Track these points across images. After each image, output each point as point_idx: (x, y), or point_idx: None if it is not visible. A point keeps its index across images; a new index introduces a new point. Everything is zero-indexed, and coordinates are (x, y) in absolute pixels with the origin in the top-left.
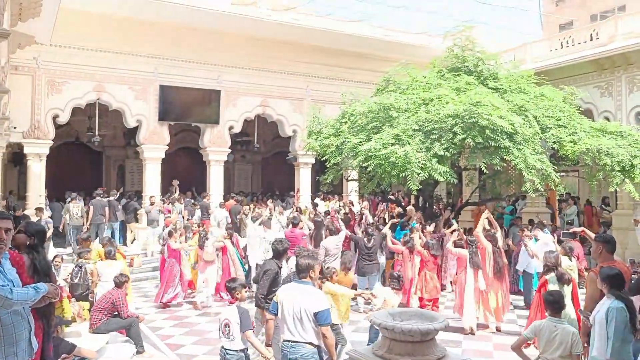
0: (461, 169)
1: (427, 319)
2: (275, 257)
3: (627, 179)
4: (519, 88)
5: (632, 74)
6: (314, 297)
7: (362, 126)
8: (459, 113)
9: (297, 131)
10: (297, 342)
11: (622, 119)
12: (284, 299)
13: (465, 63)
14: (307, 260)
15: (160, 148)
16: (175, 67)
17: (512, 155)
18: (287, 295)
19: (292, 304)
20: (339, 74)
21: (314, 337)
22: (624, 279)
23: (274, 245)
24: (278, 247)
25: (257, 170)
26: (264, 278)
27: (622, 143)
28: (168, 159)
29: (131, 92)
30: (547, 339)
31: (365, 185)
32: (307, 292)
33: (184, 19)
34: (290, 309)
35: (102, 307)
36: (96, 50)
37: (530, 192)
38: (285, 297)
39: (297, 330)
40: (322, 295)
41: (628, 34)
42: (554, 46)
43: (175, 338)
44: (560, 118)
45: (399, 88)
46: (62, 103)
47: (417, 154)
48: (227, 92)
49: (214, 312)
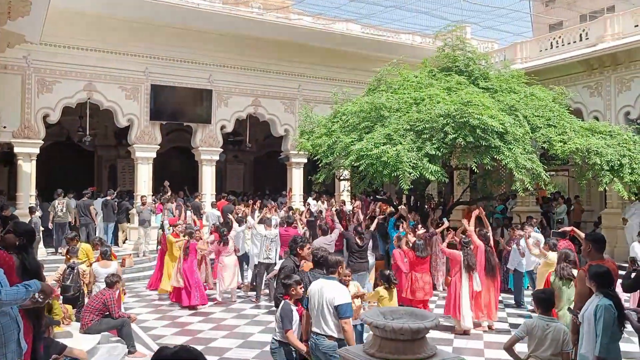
0: (452, 169)
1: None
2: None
3: (616, 178)
4: (510, 88)
5: (621, 74)
6: (337, 291)
7: (354, 126)
8: (450, 113)
9: (289, 131)
10: (320, 334)
11: (611, 119)
12: (312, 294)
13: (456, 63)
14: (337, 256)
15: (152, 148)
16: (166, 67)
17: (502, 155)
18: (314, 289)
19: (317, 298)
20: (330, 74)
21: (335, 330)
22: (612, 277)
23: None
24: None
25: (249, 170)
26: (279, 276)
27: (611, 143)
28: (160, 158)
29: (122, 92)
30: (539, 337)
31: (357, 184)
32: (331, 286)
33: (175, 19)
34: (315, 302)
35: (94, 307)
36: (87, 50)
37: (521, 192)
38: (313, 292)
39: (320, 323)
40: (345, 290)
41: (617, 34)
42: (544, 46)
43: (167, 338)
44: (550, 118)
45: (390, 88)
46: (53, 102)
47: (409, 154)
48: (218, 92)
49: (206, 312)
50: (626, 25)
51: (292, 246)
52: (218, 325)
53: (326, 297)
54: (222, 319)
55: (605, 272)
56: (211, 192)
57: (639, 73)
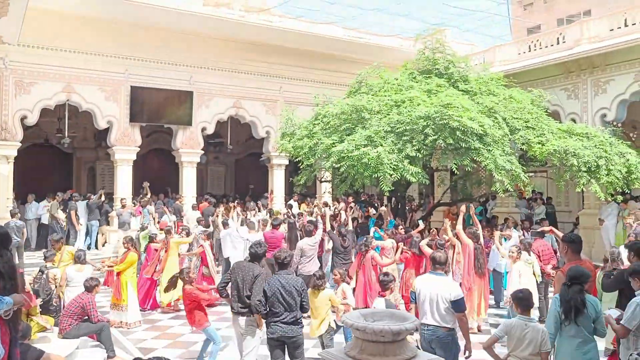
0: (433, 170)
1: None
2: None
3: (593, 179)
4: (489, 90)
5: (597, 77)
6: (451, 287)
7: (335, 127)
8: (430, 115)
9: (271, 132)
10: (434, 325)
11: (588, 121)
12: (422, 288)
13: (436, 65)
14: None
15: (132, 150)
16: (146, 68)
17: (482, 157)
18: (424, 284)
19: (429, 293)
20: (312, 76)
21: (449, 321)
22: (585, 279)
23: (253, 248)
24: (257, 250)
25: (230, 172)
26: (256, 284)
27: (588, 144)
28: (140, 160)
29: (101, 93)
30: (517, 337)
31: (339, 186)
32: (443, 282)
33: (155, 20)
34: (427, 296)
35: (72, 311)
36: (66, 51)
37: (500, 193)
38: (422, 286)
39: (435, 315)
40: (457, 285)
41: (593, 37)
42: (522, 49)
43: (147, 342)
44: (529, 120)
45: (371, 90)
46: (31, 104)
47: (390, 155)
48: (199, 93)
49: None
50: (602, 29)
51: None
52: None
53: (440, 292)
54: None
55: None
56: (192, 194)
57: (614, 76)
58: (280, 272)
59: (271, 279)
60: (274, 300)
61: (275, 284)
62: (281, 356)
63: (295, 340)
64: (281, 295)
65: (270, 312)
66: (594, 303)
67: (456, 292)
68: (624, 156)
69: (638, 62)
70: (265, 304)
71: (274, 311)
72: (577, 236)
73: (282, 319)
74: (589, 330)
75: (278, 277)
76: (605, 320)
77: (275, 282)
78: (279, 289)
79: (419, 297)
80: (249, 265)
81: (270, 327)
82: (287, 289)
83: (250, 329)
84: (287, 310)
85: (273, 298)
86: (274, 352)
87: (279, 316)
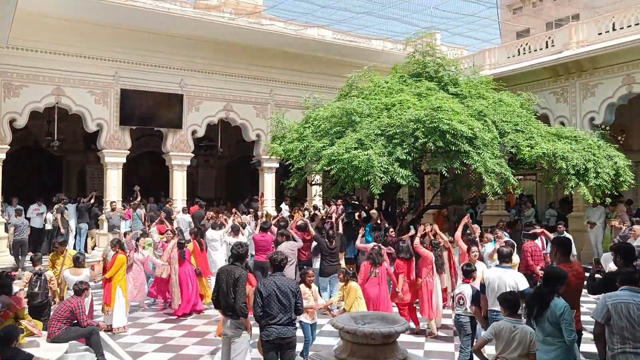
0: (423, 173)
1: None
2: (237, 260)
3: (582, 182)
4: (478, 94)
5: (585, 81)
6: (518, 278)
7: (326, 131)
8: (420, 118)
9: (261, 136)
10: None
11: (577, 124)
12: (491, 279)
13: (426, 69)
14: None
15: (122, 153)
16: (137, 71)
17: (472, 160)
18: (493, 276)
19: (498, 283)
20: (302, 79)
21: None
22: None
23: (234, 249)
24: (239, 251)
25: (221, 175)
26: (239, 286)
27: (577, 147)
28: (130, 164)
29: (91, 96)
30: (506, 339)
31: (329, 189)
32: (509, 273)
33: (146, 23)
34: (495, 287)
35: (61, 315)
36: (56, 53)
37: (490, 195)
38: (492, 277)
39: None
40: (522, 276)
41: (582, 41)
42: (512, 53)
43: (137, 346)
44: (518, 123)
45: (361, 93)
46: (20, 107)
47: (380, 158)
48: (189, 97)
49: (176, 318)
50: (590, 32)
51: (237, 253)
52: (189, 332)
53: (508, 281)
54: (193, 325)
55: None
56: (182, 198)
57: (603, 80)
58: (275, 273)
59: (266, 280)
60: (270, 301)
61: (271, 285)
62: (275, 358)
63: (290, 341)
64: (277, 297)
65: (265, 313)
66: (556, 308)
67: (523, 283)
68: (612, 159)
69: (626, 65)
70: (261, 305)
71: (269, 313)
72: (567, 238)
73: (277, 321)
74: (548, 332)
75: (273, 279)
76: None
77: (270, 283)
78: (274, 290)
79: (488, 287)
80: (231, 268)
81: (265, 329)
82: (283, 290)
83: (237, 332)
84: (282, 312)
85: (269, 299)
86: (268, 354)
87: (275, 318)
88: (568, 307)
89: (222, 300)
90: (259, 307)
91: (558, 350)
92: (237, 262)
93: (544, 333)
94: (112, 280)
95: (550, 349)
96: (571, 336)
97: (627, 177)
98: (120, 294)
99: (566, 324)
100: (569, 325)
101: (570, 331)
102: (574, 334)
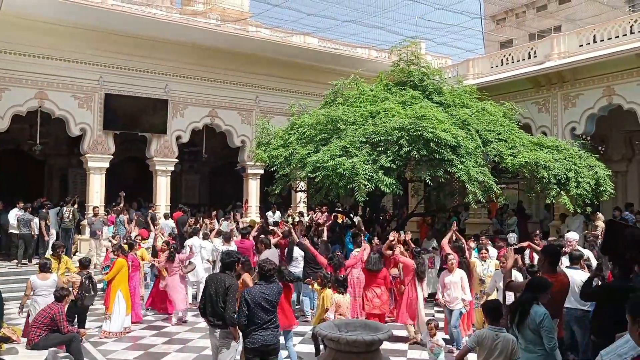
0: (407, 181)
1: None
2: (227, 269)
3: (563, 191)
4: (462, 103)
5: (567, 91)
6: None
7: (311, 138)
8: (404, 126)
9: (246, 142)
10: (573, 308)
11: (558, 134)
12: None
13: (411, 77)
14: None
15: (105, 158)
16: (121, 76)
17: (455, 168)
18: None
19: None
20: (287, 86)
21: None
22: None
23: (224, 258)
24: (225, 259)
25: (205, 181)
26: (229, 295)
27: (558, 157)
28: (113, 169)
29: (75, 100)
30: (489, 347)
31: (314, 196)
32: (579, 274)
33: (131, 28)
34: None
35: (41, 322)
36: (39, 57)
37: (473, 204)
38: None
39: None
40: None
41: (563, 53)
42: (495, 63)
43: (118, 353)
44: (501, 132)
45: (346, 101)
46: (2, 110)
47: (364, 166)
48: (174, 102)
49: (159, 325)
50: (571, 44)
51: (225, 260)
52: (171, 339)
53: (577, 281)
54: (175, 332)
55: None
56: (166, 203)
57: (583, 91)
58: (262, 282)
59: (252, 289)
60: (257, 310)
61: (257, 295)
62: None
63: (275, 348)
64: (261, 306)
65: (251, 322)
66: (536, 315)
67: None
68: (593, 169)
69: (606, 77)
70: (246, 314)
71: (254, 321)
72: (556, 248)
73: (262, 327)
74: (530, 339)
75: (260, 288)
76: None
77: (256, 292)
78: (261, 299)
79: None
80: (221, 277)
81: (250, 337)
82: (268, 298)
83: (226, 341)
84: (267, 320)
85: (255, 308)
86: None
87: (261, 326)
88: (548, 315)
89: (210, 309)
90: (244, 315)
91: (540, 357)
92: (228, 271)
93: (525, 340)
94: (111, 284)
95: (532, 357)
96: (551, 343)
97: (607, 186)
98: (120, 297)
99: (546, 332)
100: (549, 332)
101: (550, 338)
102: (553, 341)
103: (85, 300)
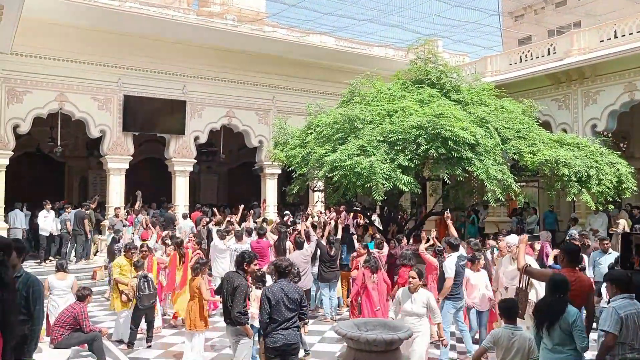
0: (425, 179)
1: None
2: (239, 268)
3: (584, 189)
4: (480, 100)
5: (587, 88)
6: None
7: (328, 137)
8: (422, 124)
9: (263, 142)
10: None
11: (579, 131)
12: None
13: (428, 76)
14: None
15: (124, 159)
16: (139, 78)
17: (474, 166)
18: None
19: None
20: (304, 86)
21: None
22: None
23: (237, 257)
24: (238, 259)
25: (223, 181)
26: (236, 295)
27: (579, 154)
28: (132, 169)
29: (94, 102)
30: (505, 346)
31: (331, 195)
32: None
33: (149, 30)
34: None
35: (64, 321)
36: (59, 60)
37: (492, 202)
38: None
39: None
40: None
41: (583, 49)
42: (514, 60)
43: (139, 352)
44: (520, 130)
45: (363, 100)
46: (23, 113)
47: (382, 165)
48: (192, 103)
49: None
50: (592, 40)
51: (239, 261)
52: None
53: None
54: None
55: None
56: (184, 204)
57: (604, 87)
58: (281, 280)
59: (273, 286)
60: (278, 308)
61: (278, 292)
62: None
63: (296, 347)
64: (284, 303)
65: (272, 320)
66: (569, 315)
67: None
68: (614, 166)
69: (627, 73)
70: (268, 312)
71: (276, 319)
72: (576, 246)
73: (283, 326)
74: (558, 340)
75: (280, 285)
76: None
77: (277, 290)
78: (282, 296)
79: None
80: (233, 275)
81: (271, 336)
82: (290, 296)
83: (239, 338)
84: (289, 317)
85: (277, 306)
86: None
87: (281, 324)
88: (580, 314)
89: (223, 307)
90: (266, 313)
91: (568, 358)
92: (240, 270)
93: (552, 341)
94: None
95: (559, 357)
96: (584, 343)
97: (630, 184)
98: None
99: (578, 331)
100: (581, 332)
101: (582, 338)
102: (586, 341)
103: (143, 300)
